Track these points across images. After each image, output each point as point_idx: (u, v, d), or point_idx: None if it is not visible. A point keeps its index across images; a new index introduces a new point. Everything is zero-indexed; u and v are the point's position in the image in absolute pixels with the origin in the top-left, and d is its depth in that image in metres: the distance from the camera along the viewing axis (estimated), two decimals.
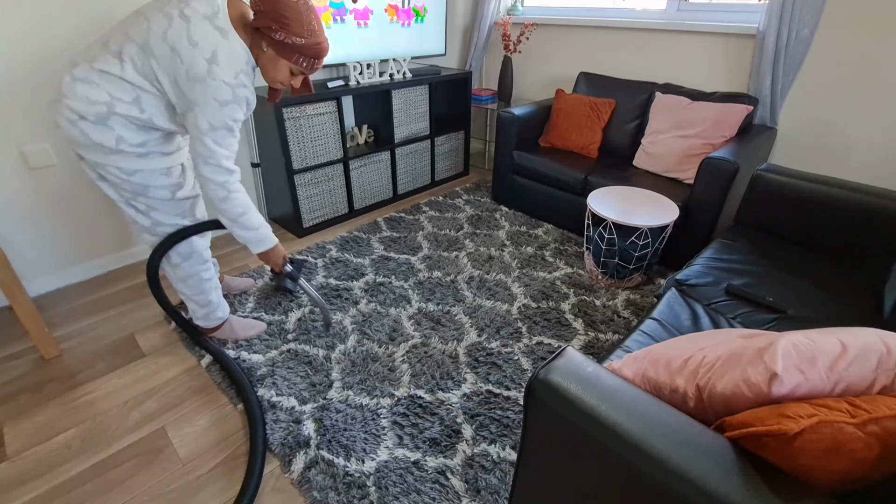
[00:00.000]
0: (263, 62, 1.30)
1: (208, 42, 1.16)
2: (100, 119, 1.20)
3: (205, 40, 1.16)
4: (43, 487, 1.26)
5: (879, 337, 0.67)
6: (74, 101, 1.18)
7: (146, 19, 1.18)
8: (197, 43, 1.15)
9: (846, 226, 1.56)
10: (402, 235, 2.50)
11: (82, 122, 1.20)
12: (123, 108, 1.21)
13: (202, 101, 1.19)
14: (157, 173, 1.33)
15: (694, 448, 0.63)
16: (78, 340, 1.78)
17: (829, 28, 2.01)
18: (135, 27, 1.18)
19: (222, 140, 1.25)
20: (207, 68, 1.16)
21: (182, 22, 1.15)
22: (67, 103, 1.18)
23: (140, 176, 1.30)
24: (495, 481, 1.26)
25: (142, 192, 1.34)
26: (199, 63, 1.16)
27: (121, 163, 1.27)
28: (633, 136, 2.54)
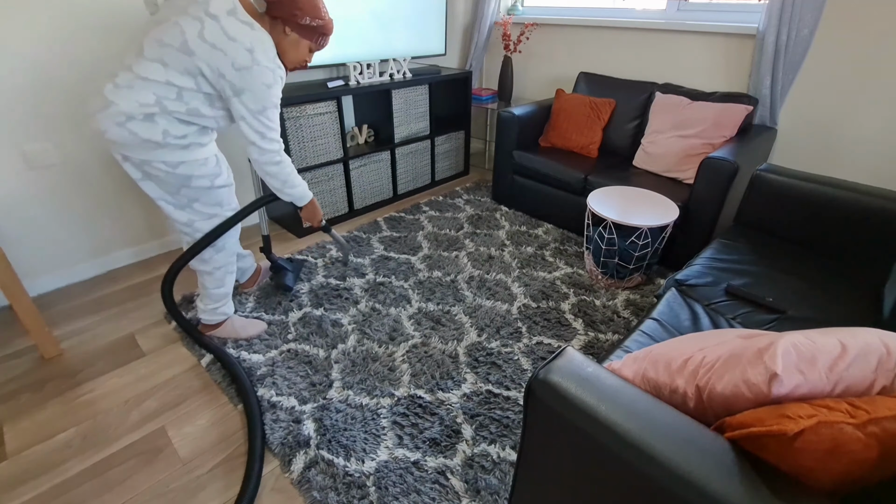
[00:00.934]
0: (286, 46, 1.46)
1: (243, 35, 1.31)
2: (148, 117, 1.32)
3: (240, 34, 1.30)
4: (43, 486, 1.26)
5: (879, 337, 0.67)
6: (124, 105, 1.29)
7: (177, 25, 1.29)
8: (234, 38, 1.29)
9: (846, 226, 1.56)
10: (402, 235, 2.50)
11: (130, 122, 1.30)
12: (169, 105, 1.33)
13: (251, 87, 1.34)
14: (197, 164, 1.45)
15: (694, 448, 0.63)
16: (78, 339, 1.78)
17: (829, 28, 2.01)
18: (168, 34, 1.29)
19: (272, 117, 1.42)
20: (251, 58, 1.31)
21: (212, 21, 1.28)
22: (115, 108, 1.29)
23: (183, 167, 1.42)
24: (495, 481, 1.26)
25: (185, 184, 1.45)
26: (241, 54, 1.30)
27: (166, 156, 1.38)
28: (633, 136, 2.54)
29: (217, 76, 1.32)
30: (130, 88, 1.29)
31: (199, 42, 1.28)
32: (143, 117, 1.31)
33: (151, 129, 1.33)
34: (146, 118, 1.31)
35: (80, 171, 1.98)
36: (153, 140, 1.34)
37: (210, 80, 1.33)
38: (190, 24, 1.28)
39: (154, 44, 1.29)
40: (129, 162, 1.40)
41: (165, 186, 1.45)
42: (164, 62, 1.29)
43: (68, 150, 1.92)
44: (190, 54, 1.29)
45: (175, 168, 1.41)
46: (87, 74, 1.87)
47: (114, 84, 1.30)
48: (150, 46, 1.30)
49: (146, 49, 1.30)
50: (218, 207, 1.56)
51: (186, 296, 1.99)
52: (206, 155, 1.47)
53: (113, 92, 1.29)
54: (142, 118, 1.31)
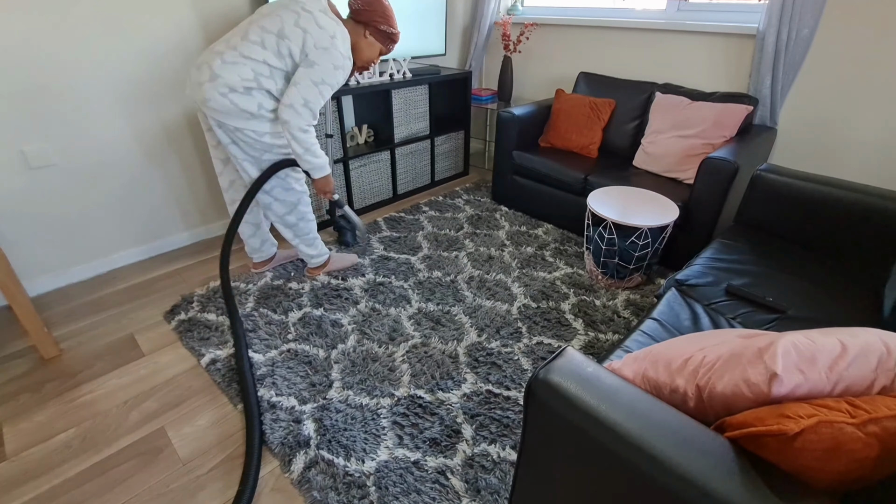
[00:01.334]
0: (363, 45, 1.76)
1: (330, 26, 1.59)
2: (246, 90, 1.57)
3: (328, 25, 1.58)
4: (42, 487, 1.26)
5: (879, 337, 0.67)
6: (228, 78, 1.54)
7: (278, 16, 1.57)
8: (323, 27, 1.57)
9: (846, 226, 1.56)
10: (402, 235, 2.50)
11: (232, 94, 1.56)
12: (263, 81, 1.58)
13: (321, 62, 1.58)
14: (278, 135, 1.70)
15: (694, 448, 0.63)
16: (78, 340, 1.78)
17: (829, 28, 2.01)
18: (270, 23, 1.57)
19: (323, 93, 1.62)
20: (331, 42, 1.58)
21: (307, 13, 1.58)
22: (222, 80, 1.54)
23: (268, 137, 1.68)
24: (495, 481, 1.26)
25: (268, 150, 1.72)
26: (325, 38, 1.57)
27: (257, 126, 1.64)
28: (633, 136, 2.54)
29: (299, 50, 1.58)
30: (235, 65, 1.55)
31: (294, 28, 1.56)
32: (242, 90, 1.57)
33: (248, 101, 1.58)
34: (245, 91, 1.57)
35: (80, 170, 1.98)
36: (248, 110, 1.60)
37: (294, 58, 1.59)
38: (288, 15, 1.57)
39: (258, 30, 1.57)
40: (223, 129, 1.64)
41: (251, 150, 1.70)
42: (263, 45, 1.56)
43: (68, 150, 1.92)
44: (284, 38, 1.56)
45: (261, 136, 1.66)
46: (87, 74, 1.87)
47: (221, 60, 1.55)
48: (254, 32, 1.57)
49: (250, 33, 1.57)
50: (290, 169, 1.83)
51: (186, 296, 1.99)
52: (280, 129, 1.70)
53: (220, 67, 1.54)
54: (242, 91, 1.57)
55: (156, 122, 2.12)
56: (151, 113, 2.10)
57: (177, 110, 2.16)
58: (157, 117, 2.12)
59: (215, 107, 1.57)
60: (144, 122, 2.09)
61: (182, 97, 2.16)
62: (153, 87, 2.06)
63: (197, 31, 2.10)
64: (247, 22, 1.62)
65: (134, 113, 2.05)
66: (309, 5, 1.59)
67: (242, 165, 1.74)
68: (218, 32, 2.16)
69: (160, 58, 2.04)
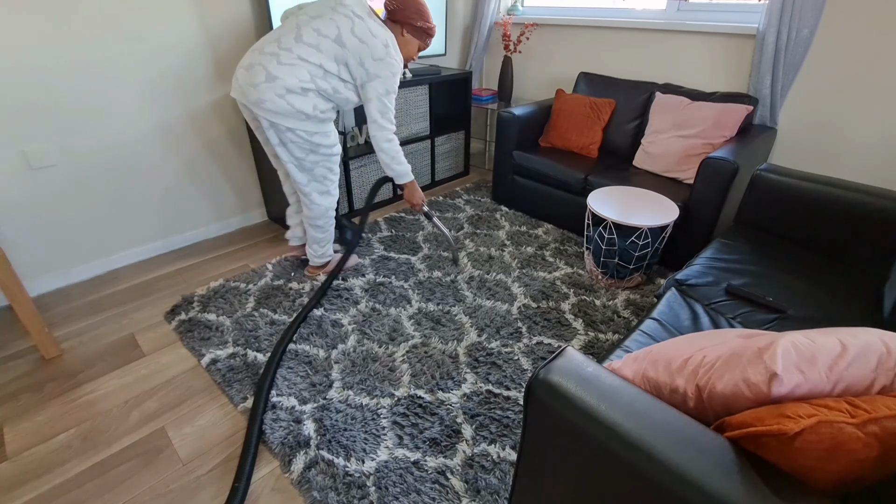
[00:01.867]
0: (401, 44, 1.82)
1: (381, 33, 1.66)
2: (303, 91, 1.63)
3: (379, 32, 1.66)
4: (43, 487, 1.26)
5: (879, 337, 0.67)
6: (286, 80, 1.60)
7: (333, 21, 1.63)
8: (376, 34, 1.64)
9: (846, 226, 1.56)
10: (402, 235, 2.50)
11: (290, 95, 1.62)
12: (319, 83, 1.65)
13: (383, 74, 1.68)
14: (325, 135, 1.77)
15: (694, 448, 0.63)
16: (78, 340, 1.78)
17: (829, 28, 2.01)
18: (326, 27, 1.62)
19: (391, 100, 1.76)
20: (385, 51, 1.66)
21: (360, 20, 1.64)
22: (280, 82, 1.60)
23: (317, 137, 1.74)
24: (495, 481, 1.26)
25: (314, 150, 1.77)
26: (380, 48, 1.65)
27: (308, 126, 1.70)
28: (633, 136, 2.54)
29: (357, 64, 1.66)
30: (292, 66, 1.60)
31: (350, 36, 1.62)
32: (300, 91, 1.63)
33: (305, 101, 1.64)
34: (302, 92, 1.63)
35: (80, 171, 1.98)
36: (304, 111, 1.65)
37: (350, 68, 1.67)
38: (343, 21, 1.62)
39: (313, 33, 1.62)
40: (275, 129, 1.68)
41: (298, 151, 1.75)
42: (318, 48, 1.62)
43: (68, 150, 1.92)
44: (342, 45, 1.63)
45: (311, 136, 1.72)
46: (87, 74, 1.88)
47: (278, 62, 1.60)
48: (309, 34, 1.62)
49: (305, 36, 1.62)
50: (329, 172, 1.88)
51: (186, 296, 1.99)
52: (331, 129, 1.80)
53: (277, 68, 1.59)
54: (299, 92, 1.62)
55: (156, 123, 2.12)
56: (152, 114, 2.10)
57: (178, 112, 2.17)
58: (157, 118, 2.12)
59: (271, 108, 1.62)
60: (145, 123, 2.09)
61: (181, 97, 2.16)
62: (154, 89, 2.07)
63: (198, 32, 2.10)
64: (294, 23, 1.65)
65: (134, 114, 2.05)
66: (358, 10, 1.66)
67: (287, 168, 1.81)
68: (219, 35, 2.16)
69: (161, 60, 2.04)
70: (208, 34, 2.14)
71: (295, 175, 1.82)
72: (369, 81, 1.69)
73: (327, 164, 1.84)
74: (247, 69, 1.63)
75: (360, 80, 1.70)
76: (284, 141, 1.71)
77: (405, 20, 1.77)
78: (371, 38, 1.63)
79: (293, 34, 1.63)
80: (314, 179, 1.86)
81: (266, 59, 1.61)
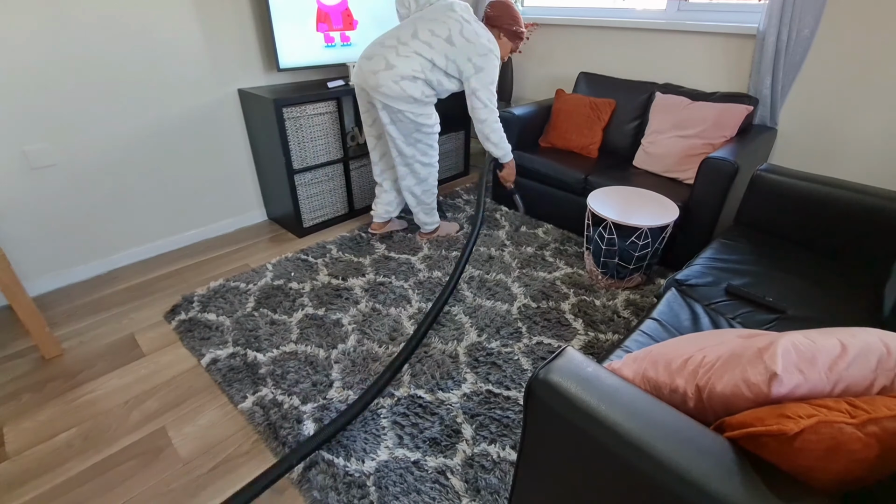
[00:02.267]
0: (499, 46, 2.04)
1: (485, 33, 1.95)
2: (413, 79, 1.92)
3: (483, 33, 1.95)
4: (44, 487, 1.26)
5: (879, 337, 0.67)
6: (402, 68, 1.90)
7: (445, 24, 1.91)
8: (480, 35, 1.93)
9: (846, 226, 1.56)
10: (403, 235, 2.50)
11: (403, 81, 1.91)
12: (427, 73, 1.93)
13: (487, 66, 1.95)
14: (428, 115, 2.05)
15: (694, 448, 0.63)
16: (79, 340, 1.78)
17: (829, 28, 2.01)
18: (439, 28, 1.91)
19: (494, 89, 2.01)
20: (489, 47, 1.94)
21: (468, 23, 1.93)
22: (397, 70, 1.89)
23: (422, 118, 2.03)
24: (495, 481, 1.26)
25: (419, 129, 2.06)
26: (485, 45, 1.93)
27: (416, 108, 1.99)
28: (633, 136, 2.54)
29: (465, 59, 1.93)
30: (408, 58, 1.90)
31: (460, 37, 1.91)
32: (411, 79, 1.91)
33: (414, 87, 1.93)
34: (413, 80, 1.92)
35: (80, 171, 1.98)
36: (413, 96, 1.94)
37: (457, 63, 1.94)
38: (454, 24, 1.91)
39: (427, 32, 1.91)
40: (388, 110, 1.98)
41: (405, 129, 2.04)
42: (431, 45, 1.91)
43: (69, 149, 1.92)
44: (452, 44, 1.91)
45: (417, 117, 2.01)
46: (87, 74, 1.88)
47: (396, 53, 1.90)
48: (424, 34, 1.91)
49: (421, 34, 1.91)
50: (430, 148, 2.16)
51: (186, 296, 1.99)
52: (433, 111, 2.08)
53: (396, 59, 1.89)
54: (410, 79, 1.91)
55: (156, 123, 2.12)
56: (152, 114, 2.10)
57: (178, 111, 2.17)
58: (157, 118, 2.12)
59: (387, 92, 1.91)
60: (145, 123, 2.09)
61: (181, 97, 2.16)
62: (154, 89, 2.07)
63: (198, 31, 2.11)
64: (411, 23, 1.95)
65: (134, 114, 2.05)
66: (467, 16, 1.94)
67: (396, 143, 2.08)
68: (219, 35, 2.16)
69: (161, 59, 2.04)
70: (208, 34, 2.14)
71: (402, 149, 2.10)
72: (476, 74, 1.95)
73: (428, 140, 2.13)
74: (368, 59, 1.93)
75: (466, 74, 1.96)
76: (395, 120, 2.00)
77: (502, 25, 2.06)
78: (477, 38, 1.91)
79: (411, 32, 1.92)
80: (418, 152, 2.14)
81: (386, 51, 1.90)
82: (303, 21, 2.28)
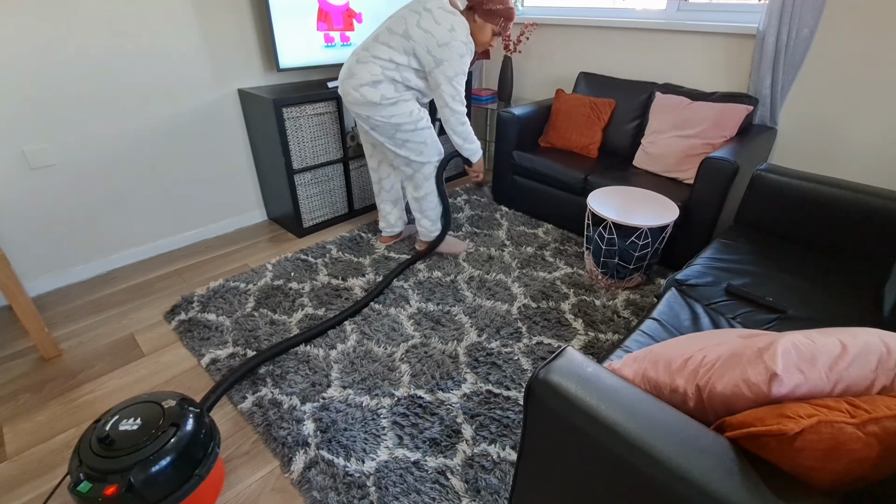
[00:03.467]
0: (474, 30, 1.90)
1: (446, 20, 1.78)
2: (374, 84, 1.82)
3: (444, 19, 1.78)
4: (43, 487, 1.26)
5: (879, 337, 0.67)
6: (361, 75, 1.82)
7: (403, 18, 1.80)
8: (440, 22, 1.77)
9: (846, 226, 1.56)
10: (402, 235, 2.49)
11: (363, 88, 1.83)
12: (389, 73, 1.82)
13: (448, 58, 1.79)
14: (403, 115, 1.91)
15: (694, 448, 0.63)
16: (78, 340, 1.78)
17: (829, 28, 2.01)
18: (396, 25, 1.81)
19: (461, 82, 1.86)
20: (450, 35, 1.77)
21: (427, 13, 1.78)
22: (356, 78, 1.82)
23: (395, 118, 1.90)
24: (495, 481, 1.26)
25: (398, 129, 1.93)
26: (444, 34, 1.76)
27: (382, 112, 1.87)
28: (633, 136, 2.54)
29: (425, 52, 1.79)
30: (366, 64, 1.82)
31: (416, 29, 1.77)
32: (371, 84, 1.81)
33: (373, 92, 1.83)
34: (373, 84, 1.82)
35: (80, 171, 1.98)
36: (372, 101, 1.84)
37: (419, 57, 1.81)
38: (411, 16, 1.79)
39: (386, 32, 1.82)
40: (360, 118, 1.92)
41: (385, 132, 1.94)
42: (389, 45, 1.80)
43: (68, 150, 1.92)
44: (409, 39, 1.78)
45: (389, 119, 1.89)
46: (87, 74, 1.88)
47: (357, 61, 1.84)
48: (384, 34, 1.82)
49: (380, 35, 1.82)
50: (423, 145, 2.01)
51: (186, 296, 1.99)
52: (409, 108, 1.92)
53: (355, 66, 1.84)
54: (370, 84, 1.81)
55: (156, 123, 2.12)
56: (152, 114, 2.10)
57: (178, 111, 2.17)
58: (157, 118, 2.12)
59: (350, 100, 1.87)
60: (144, 123, 2.09)
61: (181, 97, 2.16)
62: (154, 89, 2.07)
63: (198, 31, 2.10)
64: (382, 26, 1.87)
65: (134, 114, 2.05)
66: (430, 4, 1.79)
67: (387, 147, 1.99)
68: (219, 35, 2.16)
69: (161, 59, 2.04)
70: (208, 34, 2.14)
71: (396, 151, 2.00)
72: (437, 67, 1.80)
73: (417, 137, 1.98)
74: (342, 71, 1.90)
75: (428, 68, 1.82)
76: (372, 126, 1.92)
77: (475, 4, 1.87)
78: (435, 27, 1.76)
79: (374, 36, 1.85)
80: (411, 152, 2.01)
81: (351, 61, 1.86)
82: (303, 21, 2.28)
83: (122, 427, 1.08)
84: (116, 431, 1.07)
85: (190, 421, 1.13)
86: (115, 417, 1.10)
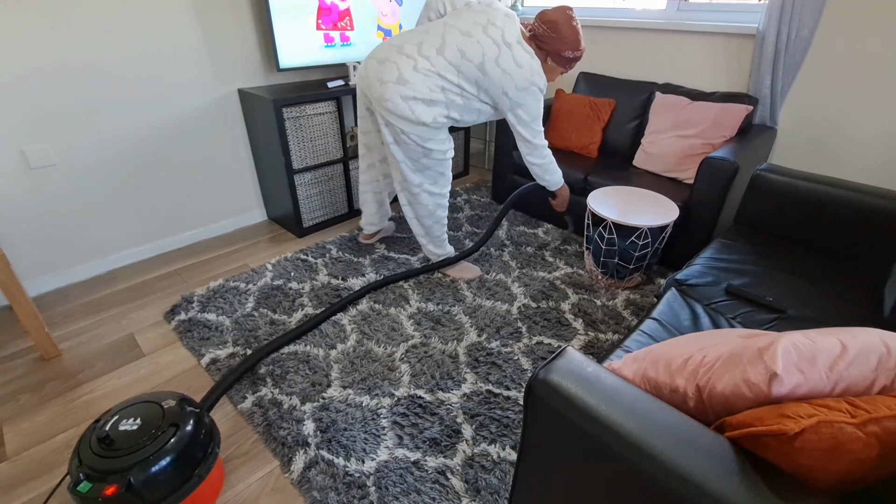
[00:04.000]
0: (545, 70, 1.79)
1: (526, 63, 1.66)
2: (429, 102, 1.66)
3: (524, 62, 1.66)
4: (43, 487, 1.26)
5: (879, 337, 0.67)
6: (417, 87, 1.62)
7: (479, 45, 1.63)
8: (521, 65, 1.66)
9: (846, 226, 1.56)
10: (402, 235, 2.49)
11: (414, 102, 1.64)
12: (450, 97, 1.68)
13: (527, 102, 1.72)
14: (440, 141, 1.77)
15: (694, 448, 0.63)
16: (78, 340, 1.78)
17: (829, 28, 2.01)
18: (471, 50, 1.63)
19: (538, 123, 1.80)
20: (530, 81, 1.68)
21: (507, 49, 1.64)
22: (410, 87, 1.62)
23: (431, 143, 1.75)
24: (495, 481, 1.26)
25: (427, 154, 1.78)
26: (523, 79, 1.67)
27: (424, 133, 1.71)
28: (633, 136, 2.54)
29: (500, 93, 1.69)
30: (427, 77, 1.62)
31: (494, 66, 1.64)
32: (426, 102, 1.65)
33: (426, 112, 1.66)
34: (428, 103, 1.65)
35: (80, 170, 1.98)
36: (424, 121, 1.67)
37: (490, 94, 1.71)
38: (490, 47, 1.63)
39: (457, 52, 1.64)
40: (390, 128, 1.71)
41: (411, 153, 1.77)
42: (459, 70, 1.65)
43: (68, 150, 1.92)
44: (484, 73, 1.65)
45: (425, 143, 1.73)
46: (87, 74, 1.87)
47: (414, 68, 1.62)
48: (452, 53, 1.64)
49: (448, 52, 1.64)
50: (441, 176, 1.89)
51: (186, 296, 1.99)
52: (446, 136, 1.80)
53: (412, 74, 1.61)
54: (425, 102, 1.64)
55: (156, 122, 2.12)
56: (151, 114, 2.10)
57: (178, 111, 2.16)
58: (157, 118, 2.12)
59: (391, 108, 1.64)
60: (144, 123, 2.09)
61: (181, 97, 2.16)
62: (154, 89, 2.06)
63: (198, 31, 2.10)
64: (438, 32, 1.66)
65: (134, 114, 2.05)
66: (508, 36, 1.64)
67: (400, 168, 1.81)
68: (219, 34, 2.16)
69: (161, 59, 2.04)
70: (208, 34, 2.14)
71: (408, 175, 1.83)
72: (513, 110, 1.73)
73: (440, 168, 1.86)
74: (379, 62, 1.65)
75: (502, 107, 1.74)
76: (399, 141, 1.74)
77: (554, 51, 1.73)
78: (515, 69, 1.64)
79: (436, 45, 1.64)
80: (427, 180, 1.87)
81: (402, 61, 1.62)
82: (303, 21, 2.27)
83: (121, 427, 1.08)
84: (116, 431, 1.07)
85: (190, 421, 1.13)
86: (114, 417, 1.10)
